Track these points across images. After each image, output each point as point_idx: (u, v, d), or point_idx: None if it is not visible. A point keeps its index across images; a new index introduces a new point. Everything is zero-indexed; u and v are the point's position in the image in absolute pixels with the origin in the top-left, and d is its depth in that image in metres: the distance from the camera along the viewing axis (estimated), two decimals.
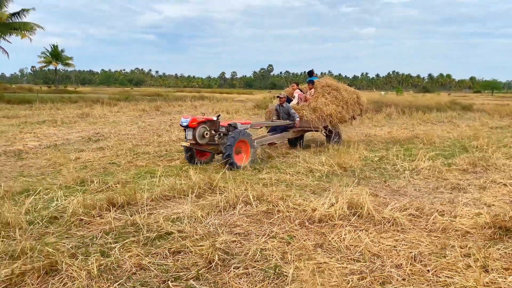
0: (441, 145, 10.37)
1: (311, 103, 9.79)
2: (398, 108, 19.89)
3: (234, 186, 5.33)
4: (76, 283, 2.99)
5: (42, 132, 12.13)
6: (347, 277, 3.24)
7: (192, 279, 3.18)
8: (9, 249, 3.47)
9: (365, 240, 3.94)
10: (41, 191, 5.25)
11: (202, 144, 7.33)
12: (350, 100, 10.36)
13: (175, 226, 4.21)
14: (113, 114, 19.17)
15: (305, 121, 9.49)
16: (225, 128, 7.61)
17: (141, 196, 5.08)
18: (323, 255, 3.65)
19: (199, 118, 7.30)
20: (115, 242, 3.81)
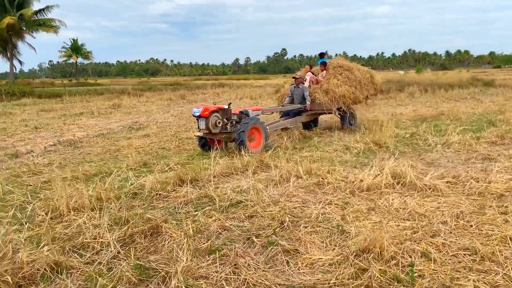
0: (468, 121, 10.73)
1: (323, 85, 9.69)
2: (420, 87, 20.09)
3: (284, 163, 5.92)
4: (177, 241, 3.64)
5: (83, 123, 12.92)
6: (402, 231, 3.80)
7: (270, 236, 3.80)
8: (113, 218, 4.14)
9: (411, 203, 4.48)
10: (113, 173, 5.93)
11: (216, 133, 7.40)
12: (363, 80, 10.17)
13: (242, 196, 4.83)
14: (142, 104, 19.93)
15: (317, 104, 9.42)
16: (237, 116, 7.71)
17: (203, 174, 5.71)
18: (377, 217, 4.22)
19: (211, 107, 7.34)
20: (196, 211, 4.45)
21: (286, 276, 3.12)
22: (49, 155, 8.09)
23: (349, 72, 9.94)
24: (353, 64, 10.36)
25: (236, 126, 7.53)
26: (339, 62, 10.33)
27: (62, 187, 4.64)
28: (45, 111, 17.21)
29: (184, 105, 19.19)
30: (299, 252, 3.49)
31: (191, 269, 3.12)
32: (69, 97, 23.91)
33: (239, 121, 7.58)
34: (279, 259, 3.40)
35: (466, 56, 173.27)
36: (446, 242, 3.58)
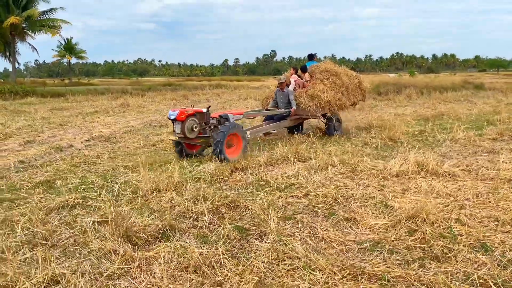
0: (467, 120, 11.79)
1: (309, 89, 9.52)
2: (416, 89, 21.24)
3: (321, 154, 6.81)
4: (255, 211, 4.47)
5: (103, 121, 13.60)
6: (435, 205, 4.71)
7: (329, 208, 4.67)
8: (192, 195, 4.95)
9: (437, 186, 5.40)
10: (169, 162, 6.72)
11: (192, 138, 7.09)
12: (351, 86, 9.98)
13: (292, 180, 5.70)
14: (148, 103, 20.61)
15: (302, 109, 9.30)
16: (216, 120, 7.43)
17: (251, 163, 6.57)
18: (412, 195, 5.12)
19: (188, 110, 7.03)
20: (257, 191, 5.30)
21: (353, 236, 3.99)
22: (92, 148, 8.82)
23: (337, 78, 9.77)
24: (341, 69, 10.19)
25: (214, 131, 7.24)
26: (326, 66, 10.08)
27: (144, 172, 5.43)
28: (57, 109, 17.76)
29: (194, 104, 19.92)
30: (356, 220, 4.36)
31: (279, 229, 3.98)
32: (72, 96, 24.39)
33: (218, 125, 7.32)
34: (342, 224, 4.27)
35: (452, 60, 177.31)
36: (472, 213, 4.50)
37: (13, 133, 10.73)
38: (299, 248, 3.58)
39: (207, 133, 7.36)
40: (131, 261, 3.38)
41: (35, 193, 5.38)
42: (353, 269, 3.25)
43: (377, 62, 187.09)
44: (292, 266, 3.31)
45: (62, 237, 3.92)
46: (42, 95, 25.81)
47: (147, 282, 3.11)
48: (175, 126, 7.05)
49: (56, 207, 4.73)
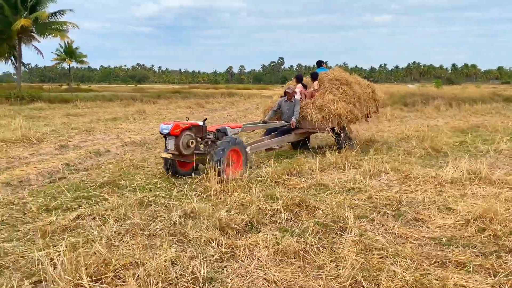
0: (506, 132, 12.43)
1: (317, 100, 9.20)
2: (444, 101, 21.95)
3: (370, 161, 7.47)
4: (325, 211, 5.10)
5: (127, 127, 14.34)
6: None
7: (395, 210, 5.30)
8: (264, 194, 5.60)
9: (493, 191, 6.04)
10: None
11: (187, 155, 6.73)
12: (363, 96, 9.71)
13: (350, 184, 6.35)
14: (165, 111, 21.40)
15: (309, 121, 8.94)
16: (213, 135, 7.10)
17: (304, 168, 7.23)
18: (471, 200, 5.74)
19: (183, 124, 6.66)
20: (319, 193, 5.94)
21: (426, 233, 4.62)
22: (132, 153, 9.52)
23: (348, 87, 9.44)
24: (352, 77, 9.90)
25: (211, 146, 6.92)
26: (336, 74, 9.80)
27: (210, 173, 6.12)
28: (72, 115, 18.53)
29: (209, 113, 20.70)
30: (425, 220, 4.99)
31: (357, 225, 4.62)
32: (81, 102, 25.21)
33: (216, 140, 6.99)
34: (412, 224, 4.90)
35: (474, 71, 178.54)
36: None
37: (43, 138, 11.44)
38: (383, 240, 4.22)
39: (201, 149, 7.00)
40: (234, 248, 4.03)
41: (105, 192, 6.06)
42: (438, 258, 3.88)
43: (392, 72, 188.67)
44: (381, 255, 3.93)
45: (156, 228, 4.57)
46: (49, 100, 26.68)
47: (254, 265, 3.74)
48: (167, 141, 6.68)
49: (133, 204, 5.38)
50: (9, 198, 5.85)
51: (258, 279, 3.54)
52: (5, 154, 9.26)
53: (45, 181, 7.07)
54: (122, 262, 3.57)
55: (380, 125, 15.07)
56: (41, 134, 11.82)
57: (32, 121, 15.42)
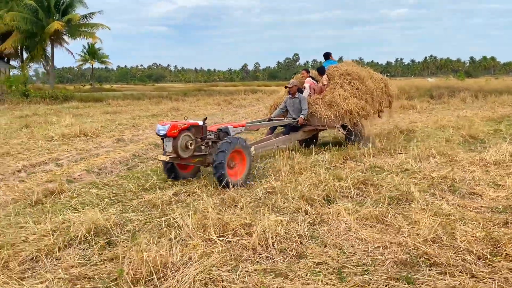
0: None
1: (326, 95, 8.83)
2: (470, 93, 22.35)
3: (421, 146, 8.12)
4: (388, 187, 5.78)
5: None
6: None
7: (450, 186, 5.95)
8: (331, 174, 6.31)
9: None
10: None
11: (186, 158, 6.28)
12: (376, 91, 9.31)
13: (405, 166, 7.01)
14: (197, 108, 22.24)
15: (318, 118, 8.59)
16: (214, 135, 6.68)
17: (356, 154, 7.93)
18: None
19: (181, 124, 6.20)
20: (378, 174, 6.62)
21: (482, 203, 5.27)
22: None
23: (359, 82, 9.02)
24: (364, 71, 9.46)
25: (212, 147, 6.50)
26: (347, 68, 9.31)
27: (278, 157, 6.88)
28: (110, 113, 19.48)
29: (240, 109, 21.49)
30: (479, 193, 5.64)
31: (422, 197, 5.31)
32: (113, 101, 26.21)
33: (217, 141, 6.56)
34: (468, 197, 5.56)
35: (493, 63, 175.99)
36: None
37: (98, 132, 12.32)
38: (448, 208, 4.89)
39: (202, 151, 6.60)
40: (322, 214, 4.75)
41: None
42: (500, 220, 4.54)
43: (409, 66, 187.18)
44: (450, 219, 4.61)
45: (245, 202, 5.31)
46: (81, 99, 27.79)
47: (343, 227, 4.46)
48: (165, 143, 6.25)
49: (216, 183, 6.14)
50: (104, 181, 6.67)
51: (350, 237, 4.25)
52: (72, 146, 10.15)
53: (123, 168, 7.89)
54: (237, 223, 4.32)
55: (411, 117, 15.64)
56: (95, 129, 12.71)
57: (78, 118, 16.38)
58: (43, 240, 4.19)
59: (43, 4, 28.10)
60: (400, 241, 4.07)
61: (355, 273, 3.51)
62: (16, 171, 7.69)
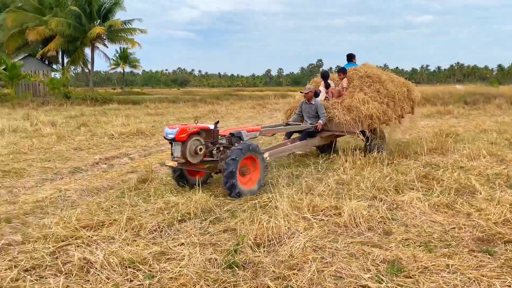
0: None
1: (345, 99, 8.48)
2: (506, 99, 22.50)
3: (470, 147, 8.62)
4: (449, 182, 6.31)
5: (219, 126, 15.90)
6: None
7: (506, 181, 6.45)
8: (392, 169, 6.88)
9: None
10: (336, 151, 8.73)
11: (194, 164, 5.96)
12: (398, 95, 8.95)
13: (457, 164, 7.53)
14: (233, 111, 23.01)
15: (336, 123, 8.28)
16: (226, 139, 6.39)
17: (409, 152, 8.48)
18: None
19: (190, 127, 5.90)
20: (435, 171, 7.15)
21: None
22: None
23: (381, 85, 8.67)
24: (385, 74, 9.11)
25: (224, 153, 6.13)
26: (367, 70, 8.98)
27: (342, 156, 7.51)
28: (152, 115, 20.40)
29: (275, 112, 22.15)
30: None
31: (484, 189, 5.84)
32: (150, 103, 27.23)
33: (229, 146, 6.24)
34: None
35: None
36: None
37: (153, 132, 13.14)
38: (511, 198, 5.41)
39: (213, 156, 6.36)
40: (396, 201, 5.34)
41: None
42: None
43: (435, 73, 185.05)
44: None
45: (320, 190, 5.92)
46: (119, 102, 28.92)
47: (418, 212, 5.03)
48: (173, 147, 5.98)
49: (287, 175, 6.79)
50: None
51: (426, 220, 4.82)
52: (134, 143, 10.97)
53: None
54: (324, 206, 4.95)
55: (449, 121, 16.01)
56: (150, 128, 13.54)
57: (126, 119, 17.30)
58: (158, 216, 4.91)
59: (86, 10, 29.48)
60: (473, 224, 4.62)
61: (440, 247, 4.08)
62: (95, 163, 8.52)
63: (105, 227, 4.56)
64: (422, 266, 3.61)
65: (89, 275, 3.47)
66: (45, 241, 4.17)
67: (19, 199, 5.89)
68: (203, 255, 3.76)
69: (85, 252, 3.78)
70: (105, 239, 4.23)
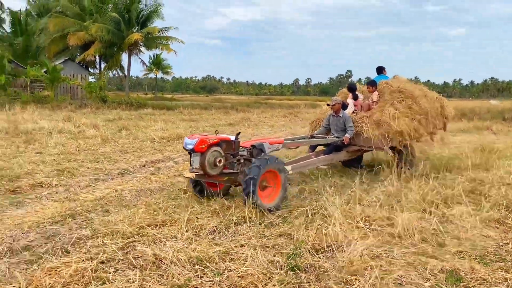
0: None
1: (375, 113, 8.17)
2: None
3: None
4: (496, 197, 6.31)
5: (250, 132, 16.17)
6: None
7: None
8: (438, 182, 6.93)
9: None
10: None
11: (213, 175, 5.77)
12: (431, 111, 8.58)
13: (504, 180, 7.50)
14: (266, 119, 23.28)
15: (364, 138, 8.01)
16: (247, 152, 6.18)
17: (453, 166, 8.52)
18: None
19: (210, 138, 5.72)
20: (481, 186, 7.14)
21: None
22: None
23: (413, 101, 8.33)
24: (418, 89, 8.78)
25: (244, 165, 5.97)
26: (399, 85, 8.66)
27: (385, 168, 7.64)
28: (186, 120, 20.87)
29: (306, 122, 22.24)
30: None
31: None
32: (184, 109, 27.78)
33: (250, 158, 6.04)
34: None
35: None
36: None
37: None
38: None
39: (234, 168, 6.11)
40: (447, 215, 5.42)
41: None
42: None
43: (467, 87, 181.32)
44: None
45: (371, 200, 6.03)
46: (153, 107, 29.62)
47: (469, 226, 5.08)
48: (192, 158, 5.81)
49: (332, 185, 6.93)
50: None
51: (477, 234, 4.87)
52: (176, 148, 11.32)
53: None
54: (376, 216, 5.09)
55: (487, 138, 15.78)
56: (188, 134, 13.90)
57: (165, 124, 17.75)
58: (214, 217, 5.14)
59: (124, 17, 30.48)
60: None
61: (495, 261, 4.15)
62: (141, 166, 8.86)
63: (166, 226, 4.81)
64: (480, 278, 3.70)
65: (161, 270, 3.71)
66: (113, 237, 4.45)
67: (78, 197, 6.23)
68: (265, 257, 3.94)
69: (154, 248, 4.02)
70: (169, 238, 4.47)
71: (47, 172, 7.80)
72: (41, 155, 9.60)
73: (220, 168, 5.77)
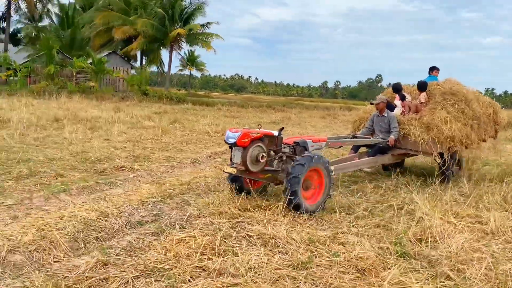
0: None
1: (424, 116, 7.72)
2: None
3: None
4: None
5: (294, 130, 16.38)
6: None
7: None
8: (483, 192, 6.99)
9: None
10: None
11: (254, 172, 5.41)
12: (483, 117, 8.17)
13: None
14: (305, 119, 23.45)
15: (411, 141, 7.59)
16: (289, 148, 5.82)
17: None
18: None
19: (253, 132, 5.39)
20: None
21: None
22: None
23: (466, 105, 7.85)
24: (471, 93, 8.28)
25: (286, 163, 5.65)
26: (452, 87, 8.19)
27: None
28: (228, 117, 21.22)
29: (346, 124, 22.30)
30: None
31: None
32: (222, 106, 28.19)
33: (292, 155, 5.70)
34: None
35: None
36: None
37: None
38: None
39: (274, 166, 5.76)
40: None
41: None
42: None
43: (501, 97, 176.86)
44: None
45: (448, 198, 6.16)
46: (192, 103, 30.17)
47: None
48: (233, 153, 5.50)
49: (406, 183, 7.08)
50: None
51: None
52: None
53: None
54: (465, 213, 5.24)
55: None
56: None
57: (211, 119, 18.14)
58: None
59: (169, 12, 31.16)
60: None
61: None
62: (208, 156, 9.19)
63: (261, 210, 5.07)
64: None
65: (279, 248, 3.96)
66: (220, 217, 4.73)
67: (165, 181, 6.57)
68: (372, 244, 4.15)
69: (268, 228, 4.29)
70: (270, 220, 4.72)
71: (124, 157, 8.20)
72: (110, 141, 10.04)
73: (262, 164, 5.40)
